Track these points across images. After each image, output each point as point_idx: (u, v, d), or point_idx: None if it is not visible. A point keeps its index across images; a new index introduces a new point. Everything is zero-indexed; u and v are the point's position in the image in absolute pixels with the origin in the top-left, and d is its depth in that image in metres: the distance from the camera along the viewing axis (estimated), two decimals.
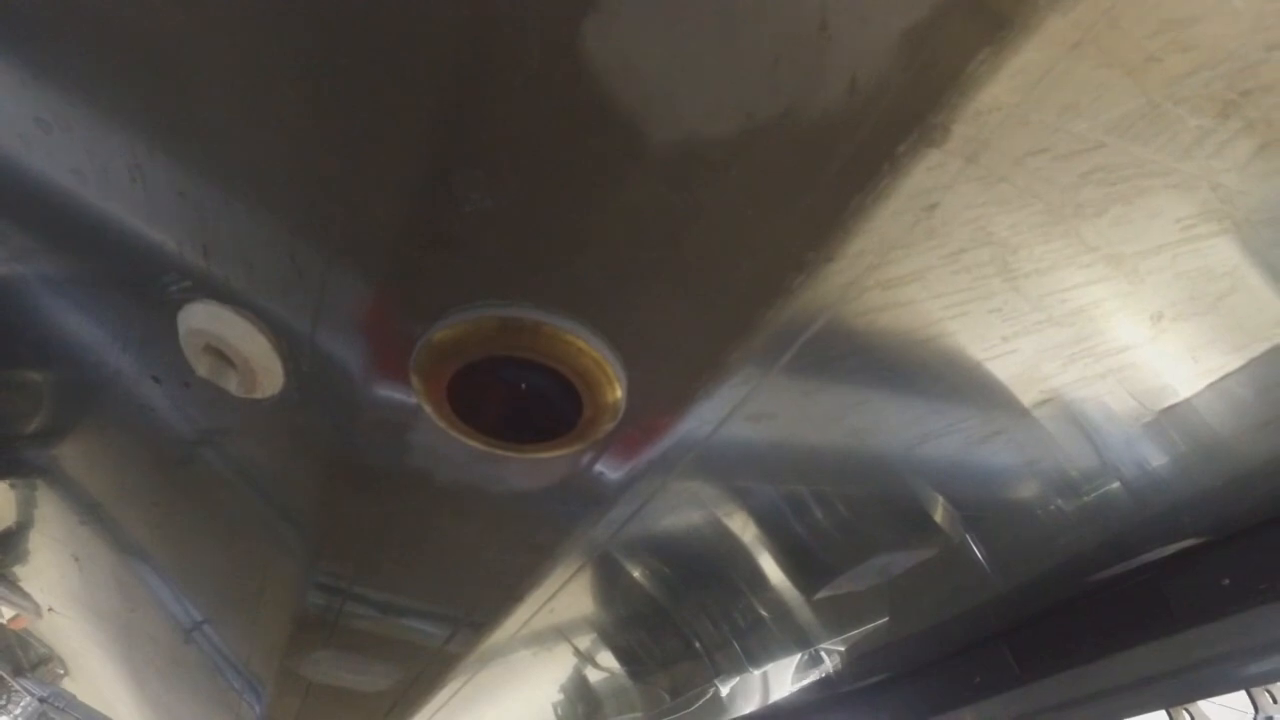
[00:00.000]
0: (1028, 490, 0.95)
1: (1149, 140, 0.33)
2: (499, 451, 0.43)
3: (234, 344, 0.42)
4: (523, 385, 0.39)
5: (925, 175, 0.33)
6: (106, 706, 1.84)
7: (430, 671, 0.89)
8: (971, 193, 0.34)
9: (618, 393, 0.40)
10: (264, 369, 0.42)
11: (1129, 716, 1.21)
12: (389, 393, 0.43)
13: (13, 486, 1.02)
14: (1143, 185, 0.36)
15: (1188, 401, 0.76)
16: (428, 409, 0.42)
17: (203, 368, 0.43)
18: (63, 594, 1.29)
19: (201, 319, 0.42)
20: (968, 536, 1.05)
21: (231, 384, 0.43)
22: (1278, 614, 0.95)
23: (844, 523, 1.05)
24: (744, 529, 0.90)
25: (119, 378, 0.60)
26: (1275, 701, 1.06)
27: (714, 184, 0.32)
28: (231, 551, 0.81)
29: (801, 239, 0.34)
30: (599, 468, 0.47)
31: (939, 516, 1.03)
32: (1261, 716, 1.05)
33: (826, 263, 0.36)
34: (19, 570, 1.30)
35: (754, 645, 1.44)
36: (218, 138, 0.36)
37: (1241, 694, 1.09)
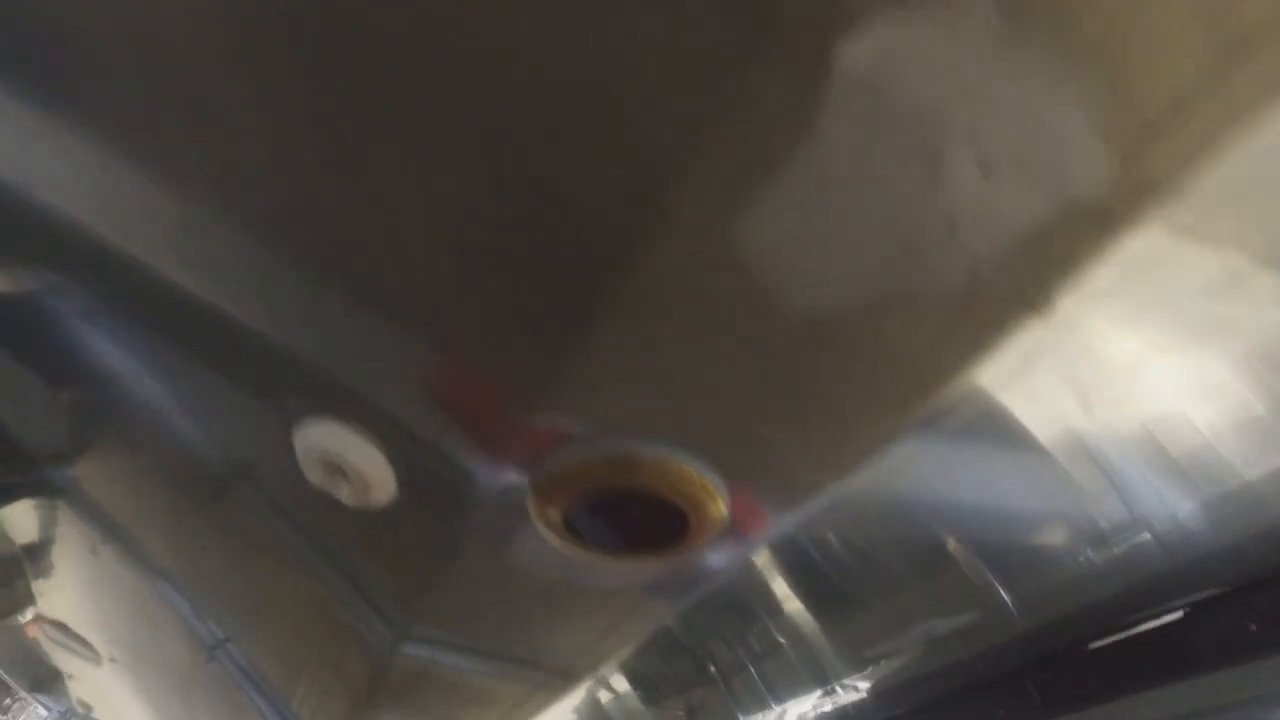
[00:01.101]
0: (1058, 539, 0.98)
1: (1229, 300, 0.37)
2: (603, 560, 0.47)
3: (352, 462, 0.45)
4: (633, 508, 0.43)
5: (1026, 336, 0.36)
6: None
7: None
8: (1068, 349, 0.37)
9: (723, 510, 0.44)
10: (379, 484, 0.45)
11: None
12: (502, 510, 0.46)
13: (36, 506, 1.05)
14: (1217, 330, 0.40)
15: (1219, 453, 0.79)
16: (539, 526, 0.45)
17: (316, 477, 0.46)
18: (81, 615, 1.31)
19: (321, 436, 0.45)
20: (994, 582, 1.09)
21: (343, 494, 0.46)
22: None
23: (874, 570, 1.08)
24: (780, 580, 0.93)
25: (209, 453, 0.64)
26: None
27: (835, 346, 0.36)
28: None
29: (909, 388, 0.38)
30: (692, 565, 0.51)
31: (965, 563, 1.07)
32: None
33: (929, 406, 0.40)
34: (41, 584, 1.32)
35: (772, 672, 1.47)
36: (371, 266, 0.39)
37: None
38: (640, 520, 0.43)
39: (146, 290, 0.48)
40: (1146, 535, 0.97)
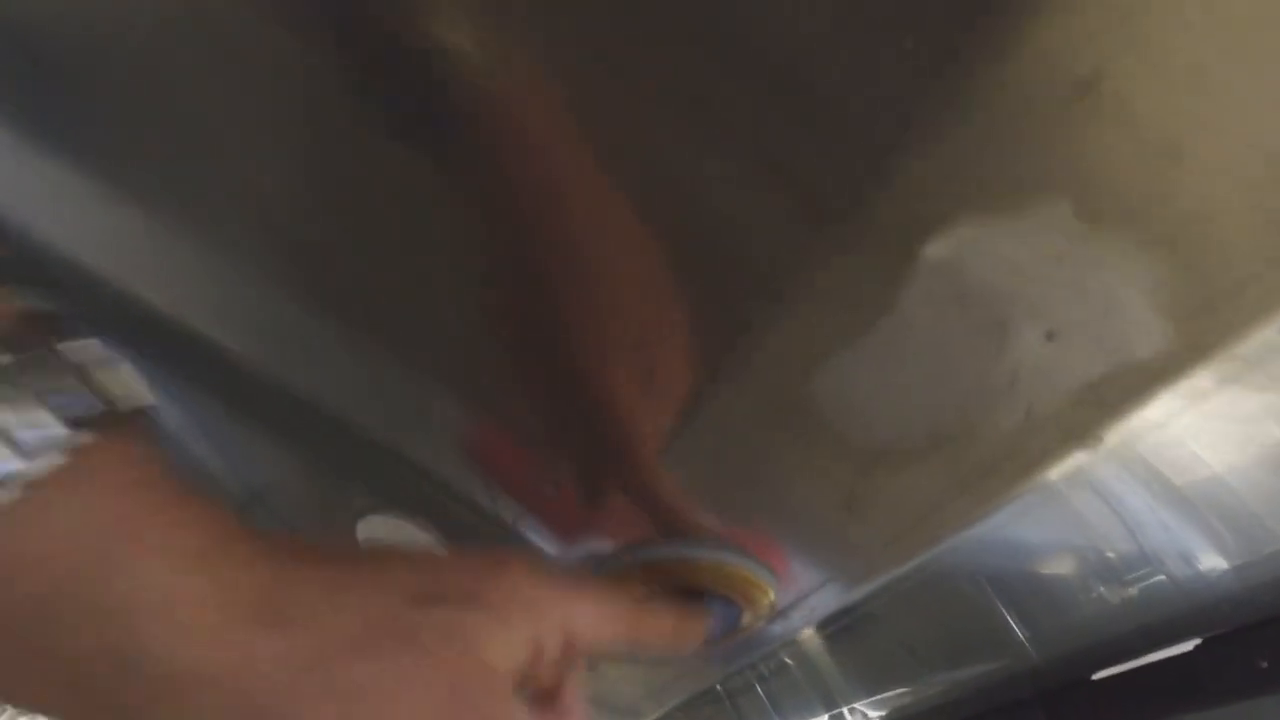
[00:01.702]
0: (1072, 578, 1.00)
1: (1262, 423, 0.40)
2: None
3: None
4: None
5: (1072, 465, 0.39)
6: None
7: None
8: (1109, 473, 0.40)
9: (772, 598, 0.46)
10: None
11: None
12: None
13: None
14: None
15: (1240, 497, 0.81)
16: None
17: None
18: None
19: (384, 530, 0.47)
20: (1008, 616, 1.11)
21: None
22: None
23: (885, 600, 1.10)
24: None
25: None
26: None
27: (893, 474, 0.38)
28: None
29: (958, 504, 0.41)
30: (744, 642, 0.54)
31: (978, 597, 1.09)
32: None
33: (974, 516, 0.42)
34: None
35: (779, 693, 1.50)
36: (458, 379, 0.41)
37: None
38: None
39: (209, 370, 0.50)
40: (1161, 576, 0.99)
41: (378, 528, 0.49)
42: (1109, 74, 0.24)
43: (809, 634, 1.21)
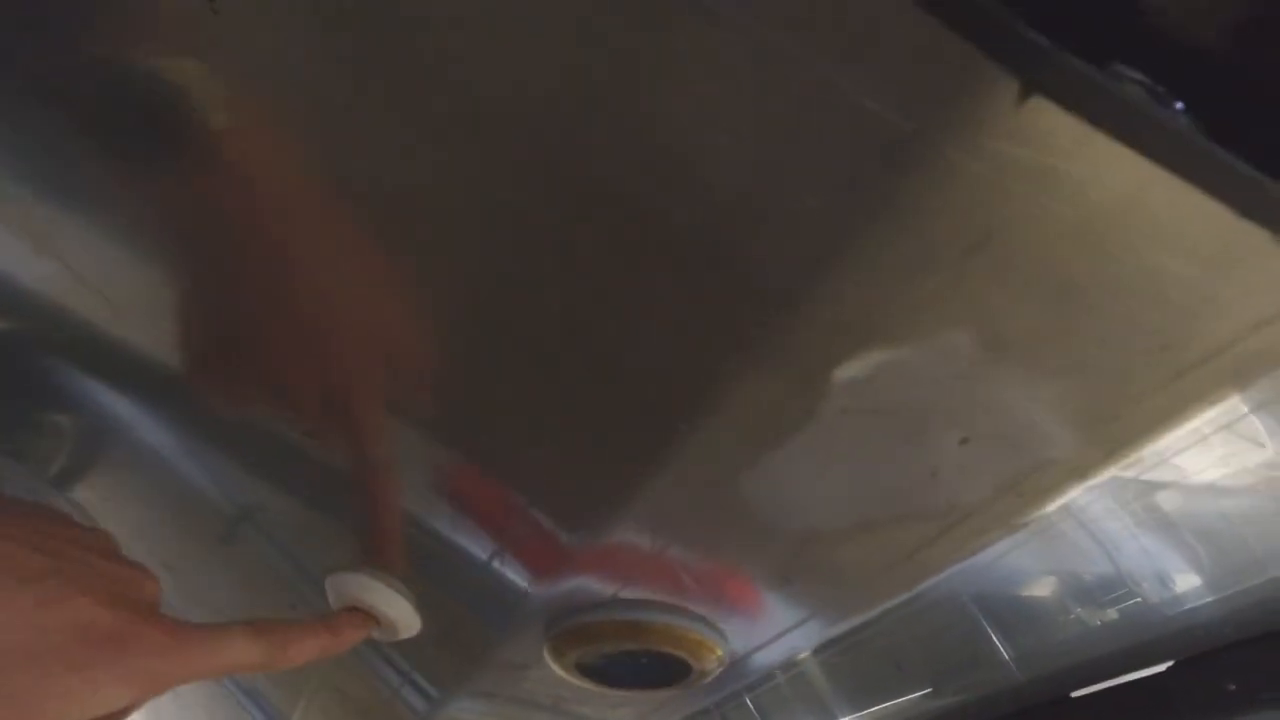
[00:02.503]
0: (1054, 600, 1.03)
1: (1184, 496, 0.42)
2: (611, 693, 0.52)
3: (383, 610, 0.50)
4: (642, 659, 0.48)
5: (1003, 542, 0.41)
6: None
7: None
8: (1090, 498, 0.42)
9: (721, 654, 0.49)
10: (405, 628, 0.50)
11: None
12: (520, 655, 0.51)
13: None
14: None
15: (1226, 520, 0.83)
16: (554, 667, 0.50)
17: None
18: None
19: (355, 588, 0.50)
20: (993, 637, 1.14)
21: (372, 633, 0.51)
22: None
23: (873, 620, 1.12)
24: None
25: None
26: None
27: (826, 553, 0.41)
28: None
29: (892, 580, 0.43)
30: (694, 693, 0.57)
31: (964, 618, 1.12)
32: None
33: (913, 588, 0.45)
34: None
35: (766, 704, 1.52)
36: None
37: None
38: (648, 664, 0.49)
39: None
40: (1138, 599, 1.01)
41: (354, 586, 0.51)
42: (1000, 233, 0.26)
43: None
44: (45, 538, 0.32)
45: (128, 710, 0.35)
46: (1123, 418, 0.33)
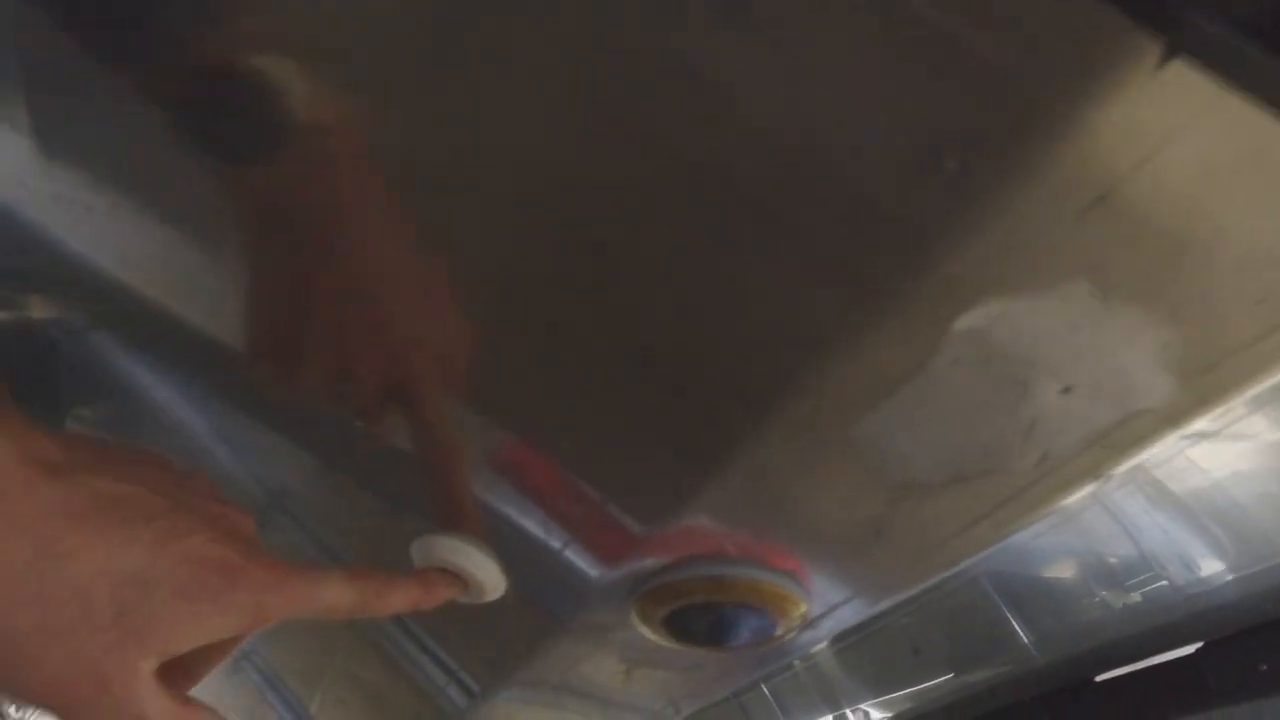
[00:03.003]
0: (1075, 583, 1.05)
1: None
2: (694, 651, 0.54)
3: (472, 572, 0.52)
4: (726, 614, 0.50)
5: (1082, 494, 0.44)
6: None
7: None
8: (1112, 485, 0.45)
9: (804, 610, 0.51)
10: (492, 589, 0.52)
11: None
12: (605, 611, 0.54)
13: None
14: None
15: (1243, 507, 0.85)
16: (640, 626, 0.53)
17: None
18: None
19: (444, 550, 0.52)
20: (1013, 621, 1.16)
21: (458, 595, 0.53)
22: None
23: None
24: None
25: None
26: None
27: (919, 506, 0.43)
28: None
29: (976, 534, 0.46)
30: (772, 652, 0.59)
31: (984, 602, 1.14)
32: None
33: (991, 541, 0.47)
34: None
35: (783, 691, 1.54)
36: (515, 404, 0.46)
37: None
38: (733, 620, 0.51)
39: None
40: (1163, 581, 1.03)
41: (436, 548, 0.53)
42: (1120, 190, 0.28)
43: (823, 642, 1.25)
44: (160, 480, 0.35)
45: (232, 642, 0.37)
46: (1219, 368, 0.35)
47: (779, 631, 0.51)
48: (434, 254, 0.39)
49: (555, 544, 0.50)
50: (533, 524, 0.51)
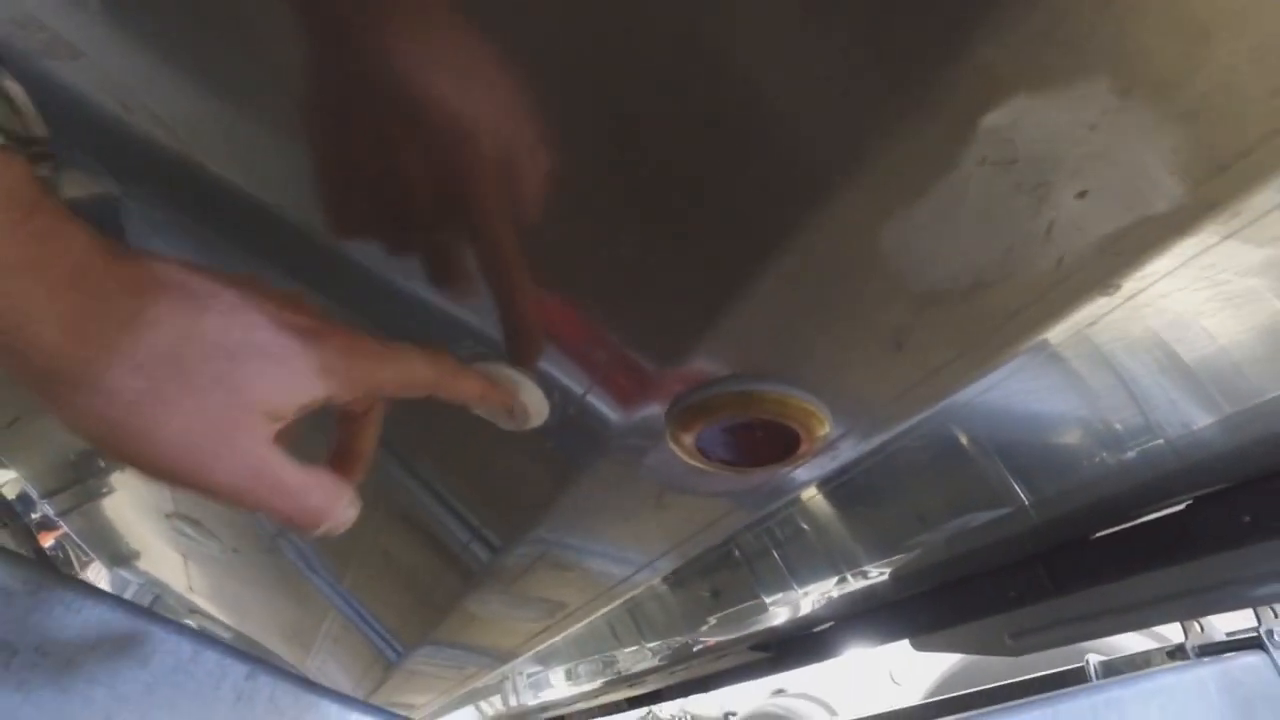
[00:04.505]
0: (1075, 442, 1.10)
1: (1263, 276, 0.48)
2: (723, 471, 0.59)
3: (519, 396, 0.56)
4: (754, 429, 0.55)
5: (1093, 308, 0.47)
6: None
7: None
8: (1121, 319, 0.48)
9: (827, 429, 0.56)
10: (536, 414, 0.57)
11: (1148, 627, 1.43)
12: (638, 434, 0.58)
13: None
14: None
15: (1238, 365, 0.88)
16: (672, 447, 0.57)
17: (482, 410, 0.57)
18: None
19: (495, 374, 0.56)
20: (1012, 480, 1.22)
21: (502, 422, 0.58)
22: None
23: (895, 466, 1.19)
24: None
25: None
26: (1276, 616, 1.27)
27: (940, 311, 0.46)
28: None
29: (990, 345, 0.49)
30: (792, 476, 0.64)
31: (984, 462, 1.19)
32: (1264, 628, 1.25)
33: (1003, 358, 0.51)
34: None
35: (794, 556, 1.63)
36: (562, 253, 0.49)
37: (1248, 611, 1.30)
38: (760, 437, 0.55)
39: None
40: (1160, 441, 1.08)
41: (486, 373, 0.57)
42: None
43: (823, 501, 1.32)
44: (218, 273, 0.39)
45: (322, 402, 0.41)
46: (1231, 169, 0.38)
47: (803, 448, 0.55)
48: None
49: (593, 370, 0.54)
50: (572, 351, 0.54)
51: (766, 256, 0.43)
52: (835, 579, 1.59)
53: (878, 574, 1.54)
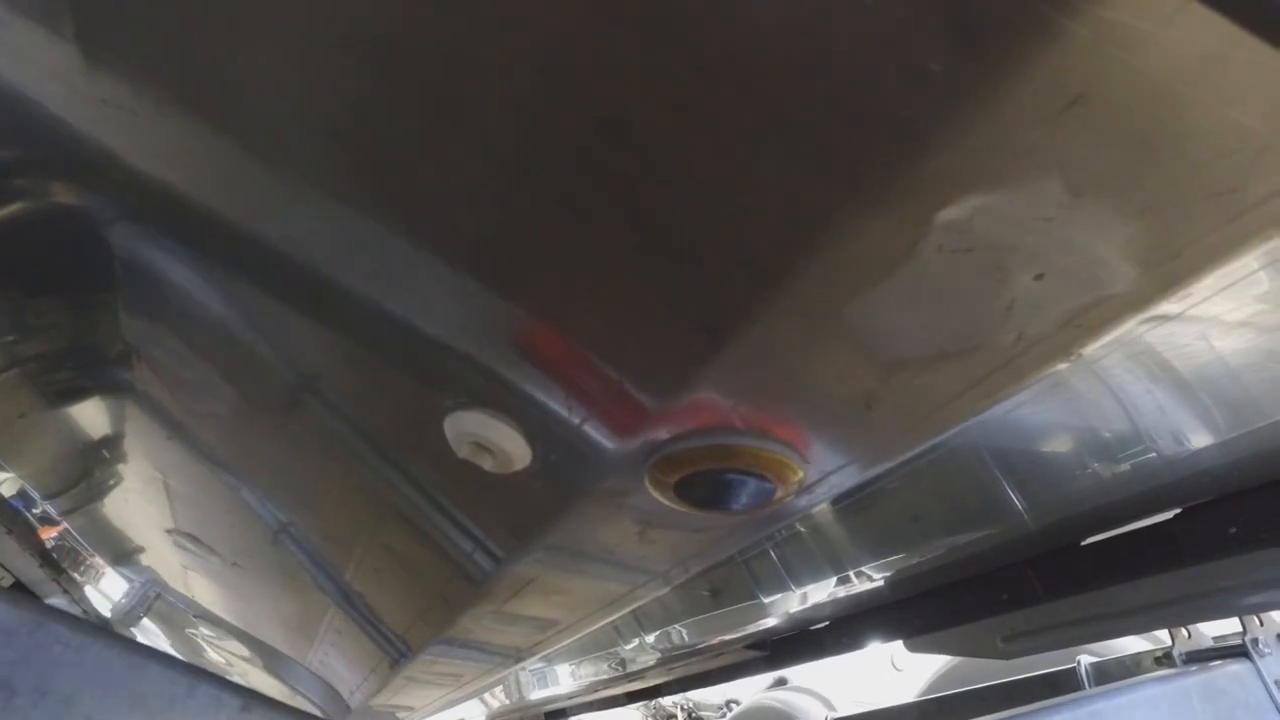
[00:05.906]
0: (1070, 454, 1.12)
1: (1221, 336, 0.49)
2: (702, 514, 0.61)
3: (499, 443, 0.58)
4: (732, 480, 0.57)
5: (1055, 373, 0.48)
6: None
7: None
8: (1112, 360, 0.50)
9: (802, 478, 0.58)
10: (519, 459, 0.59)
11: (1136, 633, 1.46)
12: (619, 478, 0.60)
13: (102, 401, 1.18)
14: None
15: (1235, 375, 0.89)
16: (653, 491, 0.59)
17: (464, 453, 0.59)
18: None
19: (473, 425, 0.58)
20: (1008, 489, 1.24)
21: (486, 465, 0.60)
22: (1274, 558, 1.14)
23: (892, 472, 1.21)
24: None
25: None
26: (1262, 625, 1.29)
27: (907, 380, 0.48)
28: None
29: (958, 405, 0.51)
30: (774, 514, 0.66)
31: (981, 471, 1.21)
32: (1250, 636, 1.27)
33: (972, 412, 0.52)
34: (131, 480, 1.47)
35: (791, 557, 1.65)
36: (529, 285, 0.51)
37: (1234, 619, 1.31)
38: (735, 484, 0.57)
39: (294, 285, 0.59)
40: (1152, 454, 1.09)
41: (466, 423, 0.59)
42: (1094, 90, 0.32)
43: (822, 505, 1.34)
44: None
45: None
46: (1182, 256, 0.39)
47: (778, 495, 0.57)
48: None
49: (574, 419, 0.56)
50: (554, 401, 0.56)
51: (742, 326, 0.45)
52: (832, 581, 1.62)
53: (873, 577, 1.57)
